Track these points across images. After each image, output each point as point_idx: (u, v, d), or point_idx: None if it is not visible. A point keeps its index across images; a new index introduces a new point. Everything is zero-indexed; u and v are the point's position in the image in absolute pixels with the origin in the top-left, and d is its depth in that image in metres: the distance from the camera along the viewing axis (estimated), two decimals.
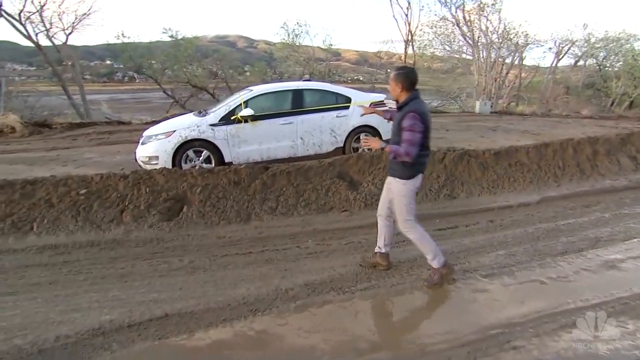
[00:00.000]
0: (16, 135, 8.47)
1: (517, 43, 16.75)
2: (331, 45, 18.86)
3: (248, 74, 23.57)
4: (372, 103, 5.95)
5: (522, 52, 17.48)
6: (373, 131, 5.85)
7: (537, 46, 17.92)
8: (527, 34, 16.76)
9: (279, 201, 4.11)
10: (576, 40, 18.36)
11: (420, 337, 2.33)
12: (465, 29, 16.98)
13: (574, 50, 19.11)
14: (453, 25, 17.49)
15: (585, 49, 18.65)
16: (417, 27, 18.19)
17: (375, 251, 3.13)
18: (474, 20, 16.58)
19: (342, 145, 5.72)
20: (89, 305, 2.62)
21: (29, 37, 13.19)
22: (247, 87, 6.27)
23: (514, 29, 16.49)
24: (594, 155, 5.77)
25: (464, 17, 16.73)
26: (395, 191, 2.79)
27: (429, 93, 20.99)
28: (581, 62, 20.27)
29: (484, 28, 16.47)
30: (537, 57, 45.40)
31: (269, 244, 3.51)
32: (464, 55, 19.18)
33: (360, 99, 5.90)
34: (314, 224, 3.91)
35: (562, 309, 2.58)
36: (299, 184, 4.26)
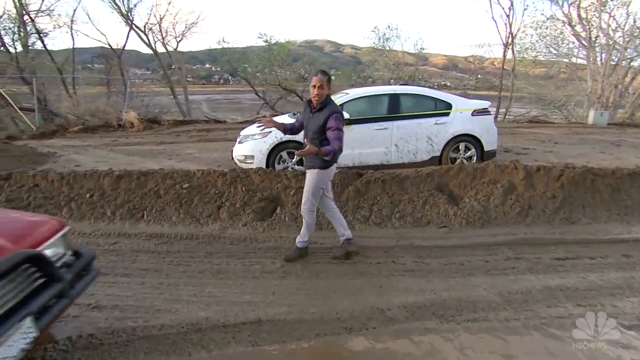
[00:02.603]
0: (134, 130, 9.60)
1: None
2: (422, 49, 18.18)
3: (333, 77, 23.88)
4: (475, 110, 5.46)
5: None
6: (474, 141, 5.35)
7: None
8: None
9: (373, 210, 3.90)
10: None
11: None
12: (579, 28, 14.96)
13: None
14: (563, 25, 15.54)
15: None
16: (519, 29, 16.55)
17: (342, 240, 3.28)
18: (591, 18, 14.51)
19: (438, 154, 5.32)
20: (188, 298, 2.70)
21: (149, 45, 15.03)
22: (337, 90, 6.20)
23: None
24: None
25: (579, 15, 14.74)
26: (309, 180, 3.08)
27: (526, 101, 18.95)
28: None
29: (604, 26, 14.32)
30: None
31: (361, 255, 3.32)
32: (573, 59, 16.94)
33: (462, 105, 5.44)
34: (410, 238, 3.62)
35: None
36: (394, 193, 4.01)
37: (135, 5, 14.44)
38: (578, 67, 16.87)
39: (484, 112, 5.50)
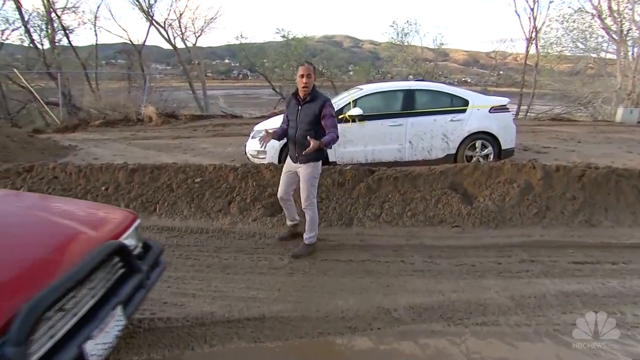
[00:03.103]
0: (152, 124, 9.79)
1: None
2: (442, 44, 17.83)
3: (351, 73, 23.75)
4: (492, 107, 5.30)
5: None
6: (492, 138, 5.20)
7: None
8: None
9: (384, 208, 3.84)
10: None
11: None
12: (609, 21, 14.32)
13: None
14: (592, 18, 14.92)
15: None
16: (543, 22, 15.97)
17: (290, 224, 3.48)
18: (623, 10, 13.85)
19: (454, 152, 5.20)
20: (194, 292, 2.72)
21: (168, 40, 15.30)
22: (353, 85, 6.13)
23: None
24: None
25: (610, 7, 14.09)
26: (307, 173, 3.07)
27: (550, 98, 18.31)
28: None
29: (637, 19, 13.64)
30: None
31: (370, 253, 3.27)
32: (602, 54, 16.24)
33: (480, 102, 5.28)
34: (420, 237, 3.55)
35: None
36: (406, 191, 3.94)
37: (155, 1, 14.74)
38: (607, 62, 16.23)
39: (502, 109, 5.32)
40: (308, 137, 2.88)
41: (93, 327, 1.48)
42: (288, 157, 3.27)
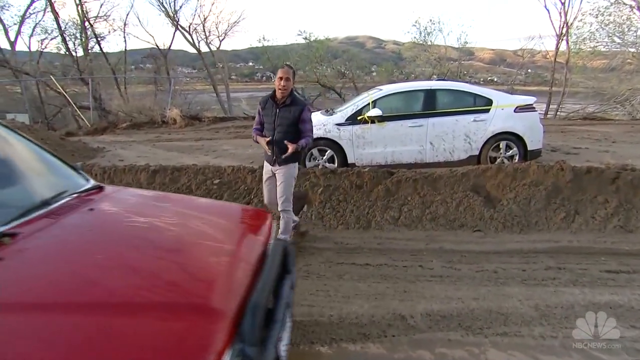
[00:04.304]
0: (176, 126, 10.02)
1: None
2: (466, 43, 17.40)
3: (374, 74, 23.58)
4: (518, 106, 5.10)
5: None
6: (517, 139, 5.01)
7: None
8: None
9: (402, 211, 3.76)
10: None
11: None
12: None
13: None
14: (631, 10, 14.11)
15: None
16: (575, 17, 15.25)
17: (294, 225, 3.41)
18: None
19: (477, 153, 5.04)
20: None
21: (193, 44, 15.70)
22: (376, 86, 6.06)
23: None
24: None
25: None
26: (288, 175, 3.11)
27: (582, 96, 17.43)
28: None
29: None
30: None
31: (388, 257, 3.21)
32: None
33: (504, 101, 5.09)
34: (440, 241, 3.45)
35: None
36: (426, 194, 3.84)
37: (180, 7, 15.18)
38: None
39: (528, 108, 5.12)
40: (285, 141, 2.91)
41: (280, 328, 1.44)
42: (265, 162, 3.25)
